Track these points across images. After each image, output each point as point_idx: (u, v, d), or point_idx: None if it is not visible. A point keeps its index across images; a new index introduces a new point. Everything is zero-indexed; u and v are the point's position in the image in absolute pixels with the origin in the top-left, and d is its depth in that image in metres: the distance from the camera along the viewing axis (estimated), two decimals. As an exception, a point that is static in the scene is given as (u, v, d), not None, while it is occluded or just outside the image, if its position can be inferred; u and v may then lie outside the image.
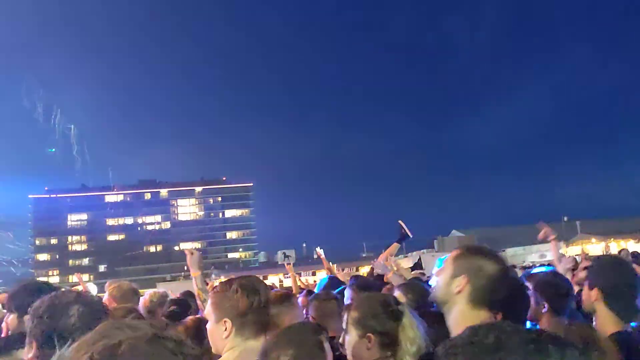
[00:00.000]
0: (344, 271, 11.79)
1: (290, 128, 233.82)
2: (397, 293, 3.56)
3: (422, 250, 45.58)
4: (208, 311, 2.44)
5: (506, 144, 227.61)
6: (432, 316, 2.42)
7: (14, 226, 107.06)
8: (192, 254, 4.00)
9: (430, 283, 3.81)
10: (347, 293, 4.19)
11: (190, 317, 4.61)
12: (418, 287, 3.79)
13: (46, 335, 1.96)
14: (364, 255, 70.22)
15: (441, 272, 2.19)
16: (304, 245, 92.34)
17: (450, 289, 2.10)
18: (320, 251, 8.35)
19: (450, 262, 2.17)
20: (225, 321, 2.35)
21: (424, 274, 7.50)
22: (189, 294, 5.79)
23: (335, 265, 11.65)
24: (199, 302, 4.39)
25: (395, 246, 7.38)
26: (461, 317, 2.04)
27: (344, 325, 2.44)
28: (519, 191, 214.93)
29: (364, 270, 45.51)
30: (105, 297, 4.60)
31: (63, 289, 2.35)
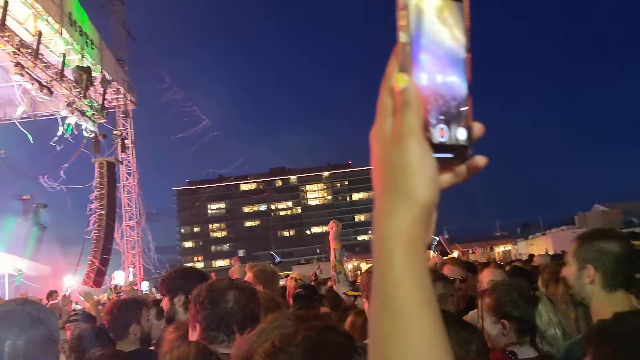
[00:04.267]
0: (479, 251, 11.58)
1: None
2: None
3: (561, 227, 42.78)
4: None
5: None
6: None
7: (162, 217, 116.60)
8: (338, 225, 4.25)
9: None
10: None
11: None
12: None
13: (209, 320, 2.17)
14: (497, 234, 67.48)
15: (567, 270, 2.15)
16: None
17: (581, 282, 2.07)
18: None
19: (572, 255, 2.14)
20: None
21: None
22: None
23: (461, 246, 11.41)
24: (333, 273, 4.57)
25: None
26: (599, 305, 2.01)
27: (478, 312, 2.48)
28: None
29: (499, 250, 43.53)
30: (247, 277, 4.90)
31: (218, 277, 2.61)
